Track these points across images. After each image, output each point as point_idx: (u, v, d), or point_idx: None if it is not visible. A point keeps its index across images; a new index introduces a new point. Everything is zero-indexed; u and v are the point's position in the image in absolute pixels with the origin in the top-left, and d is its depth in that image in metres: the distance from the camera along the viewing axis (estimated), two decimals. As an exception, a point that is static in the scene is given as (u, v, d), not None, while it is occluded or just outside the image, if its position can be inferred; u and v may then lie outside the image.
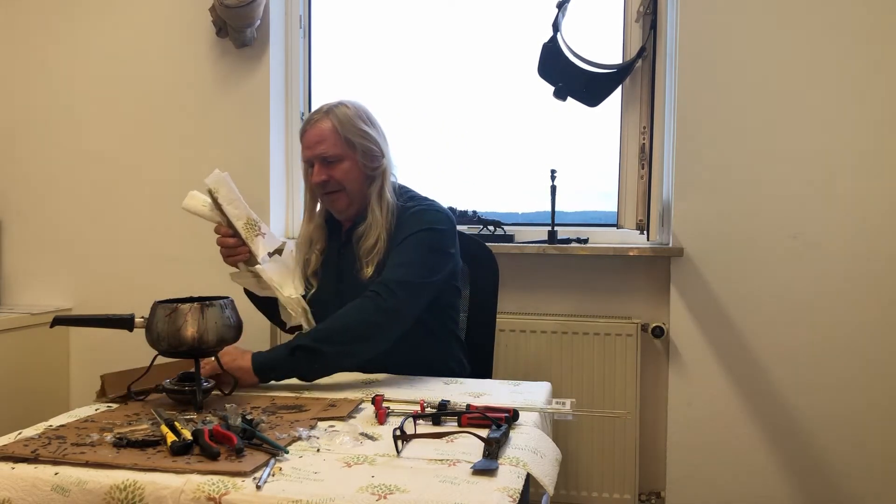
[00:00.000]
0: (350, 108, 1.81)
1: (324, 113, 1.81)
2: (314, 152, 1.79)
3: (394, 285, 1.62)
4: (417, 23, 2.74)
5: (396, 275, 1.65)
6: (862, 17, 2.21)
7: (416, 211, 1.79)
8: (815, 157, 2.25)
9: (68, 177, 2.81)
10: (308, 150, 1.81)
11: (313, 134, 1.80)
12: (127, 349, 1.95)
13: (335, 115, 1.80)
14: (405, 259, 1.69)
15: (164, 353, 1.43)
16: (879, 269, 2.22)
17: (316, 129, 1.80)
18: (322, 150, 1.78)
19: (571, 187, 2.55)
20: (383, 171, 1.81)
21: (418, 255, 1.70)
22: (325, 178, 1.78)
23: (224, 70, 2.66)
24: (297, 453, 1.14)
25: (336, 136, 1.79)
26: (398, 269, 1.67)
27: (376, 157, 1.81)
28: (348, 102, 1.83)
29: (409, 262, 1.68)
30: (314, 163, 1.80)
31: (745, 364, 2.30)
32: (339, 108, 1.82)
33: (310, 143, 1.80)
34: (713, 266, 2.31)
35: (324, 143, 1.78)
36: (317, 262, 1.86)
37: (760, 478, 2.30)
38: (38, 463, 1.10)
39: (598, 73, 2.34)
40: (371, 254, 1.73)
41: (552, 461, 1.24)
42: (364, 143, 1.80)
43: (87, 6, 2.77)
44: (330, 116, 1.80)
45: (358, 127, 1.81)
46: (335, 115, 1.80)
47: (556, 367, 2.35)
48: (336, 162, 1.78)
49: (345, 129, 1.79)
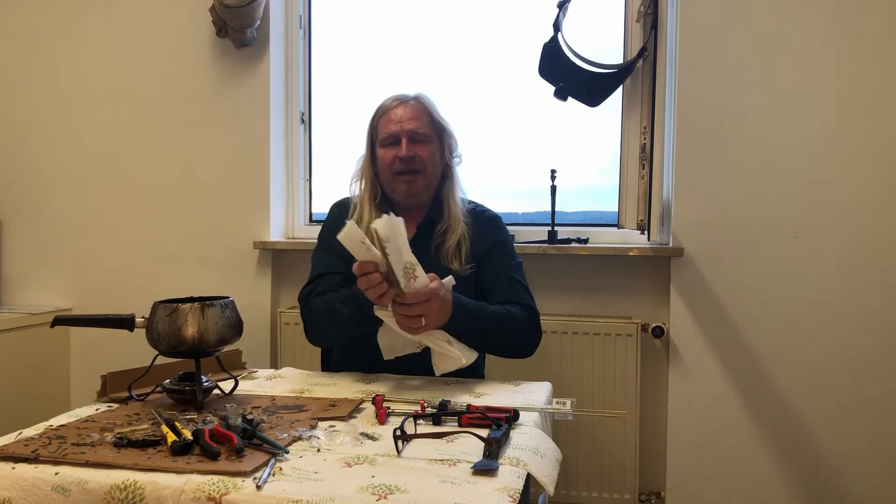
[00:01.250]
0: (429, 98, 1.88)
1: (410, 97, 1.85)
2: (405, 127, 1.80)
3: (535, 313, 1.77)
4: (417, 23, 2.74)
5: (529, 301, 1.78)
6: (862, 16, 2.21)
7: (494, 216, 1.91)
8: (815, 157, 2.25)
9: (68, 177, 2.81)
10: (396, 124, 1.80)
11: (406, 111, 1.81)
12: (127, 349, 1.96)
13: (424, 99, 1.86)
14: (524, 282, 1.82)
15: (165, 353, 1.43)
16: (879, 269, 2.22)
17: (409, 107, 1.83)
18: (414, 126, 1.80)
19: (571, 187, 2.56)
20: (454, 167, 1.88)
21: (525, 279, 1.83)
22: (413, 154, 1.79)
23: (224, 70, 2.66)
24: (298, 453, 1.14)
25: (429, 117, 1.84)
26: (527, 294, 1.79)
27: (453, 147, 1.88)
28: (422, 94, 1.89)
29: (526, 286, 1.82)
30: (401, 138, 1.79)
31: (745, 364, 2.30)
32: (422, 95, 1.88)
33: (401, 119, 1.80)
34: (713, 266, 2.31)
35: (417, 120, 1.81)
36: None
37: (760, 478, 2.30)
38: (39, 463, 1.10)
39: (598, 73, 2.34)
40: (458, 250, 1.78)
41: (552, 461, 1.24)
42: (448, 129, 1.87)
43: (88, 7, 2.77)
44: (420, 100, 1.85)
45: (441, 115, 1.88)
46: (424, 99, 1.86)
47: (556, 367, 2.35)
48: (424, 142, 1.81)
49: (435, 113, 1.85)
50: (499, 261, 1.82)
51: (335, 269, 1.78)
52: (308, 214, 2.79)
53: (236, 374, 1.60)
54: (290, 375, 1.75)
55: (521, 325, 1.73)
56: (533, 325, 1.77)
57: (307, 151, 2.78)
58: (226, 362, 1.55)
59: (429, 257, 1.78)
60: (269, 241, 2.62)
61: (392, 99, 1.86)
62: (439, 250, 1.80)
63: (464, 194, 1.90)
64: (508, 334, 1.69)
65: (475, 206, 1.92)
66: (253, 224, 2.64)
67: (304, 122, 2.75)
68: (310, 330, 1.81)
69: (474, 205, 1.93)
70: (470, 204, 1.91)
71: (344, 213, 1.87)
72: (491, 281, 1.80)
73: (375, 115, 1.87)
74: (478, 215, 1.88)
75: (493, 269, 1.81)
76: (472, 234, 1.82)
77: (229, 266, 2.65)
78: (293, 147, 2.74)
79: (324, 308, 1.72)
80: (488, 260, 1.82)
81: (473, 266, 1.80)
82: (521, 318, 1.73)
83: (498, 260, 1.82)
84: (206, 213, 2.68)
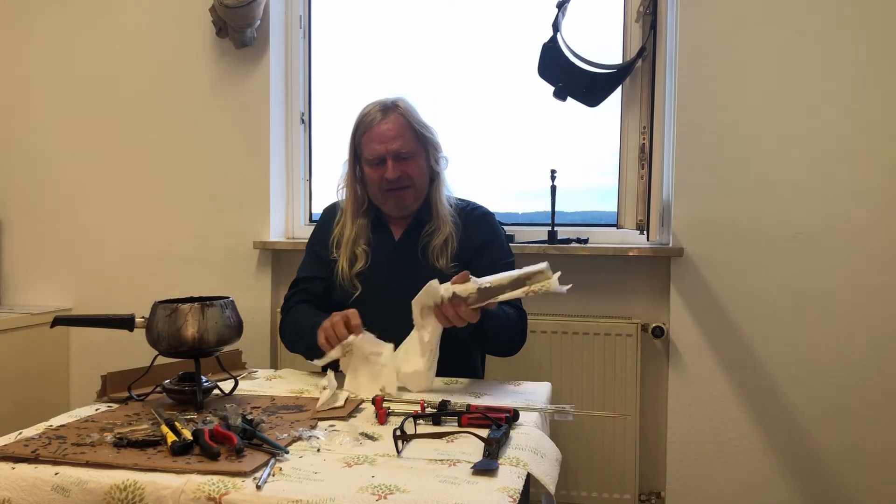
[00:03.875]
0: (409, 104, 1.82)
1: (390, 107, 1.78)
2: (390, 147, 1.75)
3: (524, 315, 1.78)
4: (417, 23, 2.74)
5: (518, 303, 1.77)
6: (862, 16, 2.21)
7: (484, 213, 1.89)
8: (815, 157, 2.25)
9: (68, 177, 2.80)
10: (381, 144, 1.76)
11: (389, 128, 1.76)
12: (127, 349, 1.96)
13: (403, 109, 1.79)
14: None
15: (165, 353, 1.43)
16: (879, 269, 2.22)
17: (391, 124, 1.76)
18: (398, 145, 1.75)
19: (571, 187, 2.56)
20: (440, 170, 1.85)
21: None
22: (400, 174, 1.76)
23: (224, 70, 2.66)
24: (297, 453, 1.14)
25: (411, 131, 1.78)
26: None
27: (438, 152, 1.84)
28: (401, 98, 1.82)
29: None
30: (386, 158, 1.76)
31: (745, 364, 2.30)
32: (401, 102, 1.80)
33: (384, 138, 1.76)
34: (713, 266, 2.31)
35: (400, 139, 1.76)
36: (364, 259, 1.80)
37: (760, 478, 2.30)
38: (39, 463, 1.10)
39: (598, 73, 2.34)
40: (444, 248, 1.77)
41: (552, 461, 1.24)
42: (431, 137, 1.82)
43: (88, 7, 2.77)
44: (399, 111, 1.78)
45: (422, 122, 1.82)
46: (403, 109, 1.79)
47: (556, 367, 2.35)
48: (410, 158, 1.78)
49: (416, 124, 1.79)
50: (489, 259, 1.79)
51: (316, 275, 1.83)
52: (308, 214, 2.79)
53: (236, 374, 1.60)
54: (289, 375, 1.75)
55: (512, 325, 1.73)
56: (522, 327, 1.77)
57: (307, 151, 2.78)
58: (226, 362, 1.55)
59: (415, 257, 1.78)
60: (269, 241, 2.62)
61: (374, 110, 1.79)
62: (426, 249, 1.79)
63: (450, 192, 1.87)
64: (501, 332, 1.69)
65: (466, 204, 1.90)
66: (253, 224, 2.64)
67: (304, 122, 2.75)
68: (283, 339, 1.85)
69: (465, 202, 1.91)
70: (461, 202, 1.89)
71: (332, 216, 1.90)
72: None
73: (358, 129, 1.82)
74: (468, 213, 1.86)
75: (485, 268, 1.76)
76: (461, 233, 1.81)
77: (229, 266, 2.65)
78: (293, 147, 2.74)
79: (291, 326, 1.79)
80: (478, 258, 1.79)
81: (458, 265, 1.77)
82: (512, 317, 1.73)
83: (488, 258, 1.79)
84: (206, 213, 2.68)
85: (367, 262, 1.79)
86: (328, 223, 1.90)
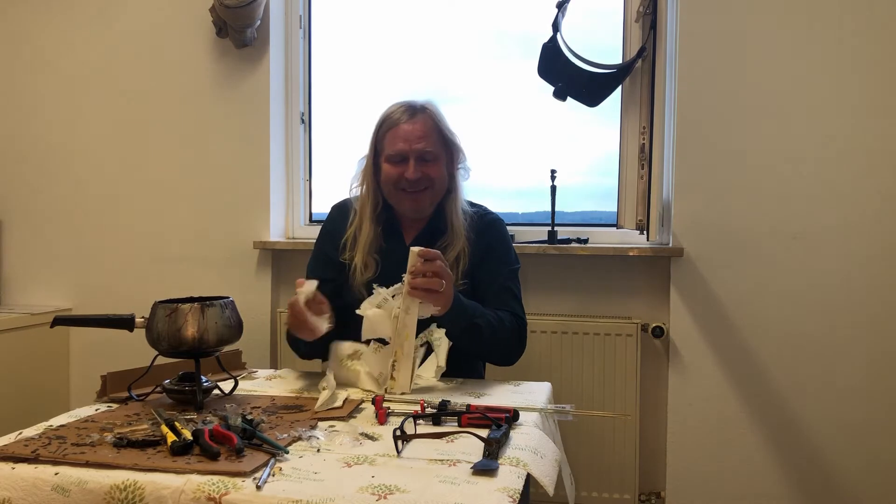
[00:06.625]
0: (437, 108, 1.81)
1: (418, 109, 1.77)
2: (414, 146, 1.73)
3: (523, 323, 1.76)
4: (417, 23, 2.74)
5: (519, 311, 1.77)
6: (862, 16, 2.21)
7: (493, 220, 1.86)
8: (815, 157, 2.25)
9: (68, 177, 2.81)
10: (406, 143, 1.74)
11: (416, 128, 1.74)
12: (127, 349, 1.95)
13: (432, 112, 1.78)
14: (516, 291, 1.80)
15: (165, 353, 1.43)
16: (879, 270, 2.22)
17: (419, 124, 1.75)
18: (423, 146, 1.74)
19: (571, 187, 2.56)
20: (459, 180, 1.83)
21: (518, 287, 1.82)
22: (420, 176, 1.74)
23: (224, 70, 2.66)
24: (297, 453, 1.14)
25: (438, 133, 1.77)
26: (516, 303, 1.78)
27: (461, 161, 1.82)
28: (429, 102, 1.81)
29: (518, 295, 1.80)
30: (408, 157, 1.74)
31: (745, 364, 2.30)
32: (429, 105, 1.80)
33: (410, 137, 1.74)
34: (713, 266, 2.31)
35: (426, 139, 1.75)
36: (374, 268, 1.77)
37: (760, 478, 2.30)
38: (39, 463, 1.10)
39: (597, 73, 2.34)
40: (456, 264, 1.74)
41: (552, 461, 1.24)
42: (455, 143, 1.80)
43: (88, 6, 2.77)
44: (427, 113, 1.77)
45: (449, 127, 1.81)
46: (432, 112, 1.78)
47: (556, 367, 2.35)
48: (432, 161, 1.76)
49: (442, 127, 1.78)
50: (493, 266, 1.78)
51: (324, 276, 1.79)
52: (308, 214, 2.79)
53: (236, 374, 1.60)
54: (289, 375, 1.75)
55: (510, 332, 1.72)
56: (520, 335, 1.76)
57: (307, 151, 2.78)
58: (226, 362, 1.55)
59: None
60: (269, 241, 2.62)
61: (401, 109, 1.78)
62: None
63: (465, 205, 1.85)
64: (498, 337, 1.68)
65: (478, 210, 1.87)
66: (253, 224, 2.64)
67: (304, 122, 2.75)
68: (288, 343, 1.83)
69: (478, 208, 1.88)
70: (473, 207, 1.86)
71: (344, 216, 1.86)
72: (484, 286, 1.78)
73: (382, 125, 1.79)
74: (478, 220, 1.83)
75: (486, 275, 1.78)
76: (471, 245, 1.79)
77: (229, 266, 2.65)
78: (293, 147, 2.74)
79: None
80: (483, 265, 1.79)
81: (468, 281, 1.76)
82: (510, 324, 1.72)
83: (492, 265, 1.79)
84: (206, 213, 2.68)
85: (377, 272, 1.77)
86: (339, 223, 1.86)
